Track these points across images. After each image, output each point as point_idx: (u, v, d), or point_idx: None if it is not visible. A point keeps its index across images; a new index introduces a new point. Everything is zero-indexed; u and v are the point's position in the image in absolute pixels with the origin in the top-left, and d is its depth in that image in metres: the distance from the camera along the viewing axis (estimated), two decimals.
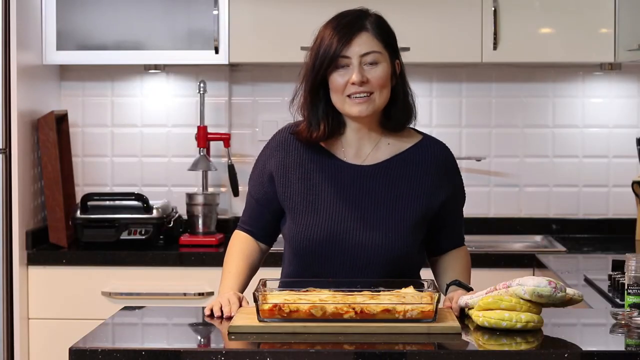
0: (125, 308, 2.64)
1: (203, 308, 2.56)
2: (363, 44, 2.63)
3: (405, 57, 2.78)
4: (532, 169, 4.57)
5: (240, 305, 2.53)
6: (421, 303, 2.32)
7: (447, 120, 4.57)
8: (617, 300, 2.90)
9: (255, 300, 2.33)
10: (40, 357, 4.06)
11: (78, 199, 4.41)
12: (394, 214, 2.66)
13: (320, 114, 2.69)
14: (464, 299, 2.47)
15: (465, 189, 2.83)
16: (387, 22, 2.72)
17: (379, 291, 2.43)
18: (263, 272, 2.89)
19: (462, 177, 2.83)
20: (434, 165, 2.72)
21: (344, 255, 2.65)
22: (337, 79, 2.64)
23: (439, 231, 2.77)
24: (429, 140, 2.76)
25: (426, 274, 2.79)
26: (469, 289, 2.61)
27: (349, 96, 2.64)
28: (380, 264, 2.65)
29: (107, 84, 4.58)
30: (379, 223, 2.65)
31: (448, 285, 2.66)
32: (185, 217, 4.44)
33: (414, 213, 2.66)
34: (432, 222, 2.73)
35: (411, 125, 2.76)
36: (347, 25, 2.65)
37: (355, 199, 2.67)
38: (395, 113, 2.70)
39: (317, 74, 2.66)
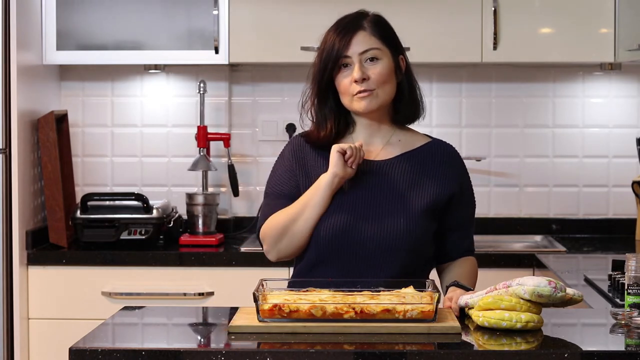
0: (125, 308, 2.64)
1: (203, 308, 2.56)
2: (361, 42, 2.70)
3: None
4: (532, 169, 4.57)
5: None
6: (421, 303, 2.33)
7: (447, 120, 4.57)
8: (617, 300, 2.89)
9: (255, 300, 2.33)
10: (40, 357, 4.06)
11: (78, 199, 4.42)
12: (404, 203, 2.71)
13: (327, 114, 2.76)
14: (464, 298, 2.47)
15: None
16: (386, 20, 2.79)
17: (379, 291, 2.43)
18: (264, 272, 2.90)
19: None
20: (444, 162, 2.79)
21: (357, 246, 2.69)
22: (343, 80, 2.72)
23: (447, 235, 2.81)
24: (439, 141, 2.85)
25: (433, 276, 2.80)
26: (468, 290, 2.62)
27: (353, 95, 2.71)
28: (392, 250, 2.68)
29: (107, 84, 4.58)
30: (390, 211, 2.70)
31: (447, 287, 2.67)
32: (185, 217, 4.44)
33: (423, 201, 2.72)
34: (441, 222, 2.77)
35: (420, 119, 2.84)
36: (346, 26, 2.73)
37: (368, 191, 2.73)
38: (403, 108, 2.78)
39: (322, 76, 2.73)
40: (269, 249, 2.76)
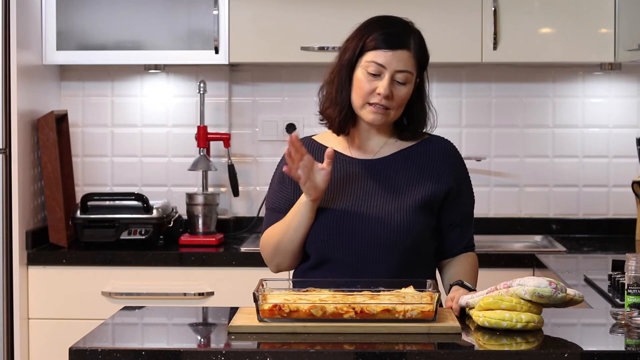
0: (125, 308, 2.64)
1: (203, 308, 2.56)
2: (403, 61, 2.71)
3: None
4: (532, 169, 4.57)
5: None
6: (421, 303, 2.33)
7: (447, 120, 4.57)
8: (617, 300, 2.90)
9: (255, 300, 2.33)
10: (40, 357, 4.06)
11: (78, 199, 4.42)
12: (401, 199, 2.72)
13: (344, 96, 2.74)
14: (465, 298, 2.47)
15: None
16: (425, 42, 2.79)
17: (379, 291, 2.43)
18: (262, 272, 2.89)
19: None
20: (441, 157, 2.79)
21: (356, 242, 2.70)
22: (365, 83, 2.70)
23: (448, 232, 2.80)
24: (436, 137, 2.85)
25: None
26: (471, 290, 2.62)
27: (369, 103, 2.70)
28: (391, 246, 2.68)
29: (107, 84, 4.58)
30: (387, 208, 2.70)
31: (451, 286, 2.67)
32: (185, 217, 4.44)
33: (420, 197, 2.72)
34: (440, 218, 2.77)
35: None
36: (395, 36, 2.71)
37: (363, 188, 2.74)
38: (410, 124, 2.79)
39: (353, 55, 2.71)
40: (267, 262, 2.84)
